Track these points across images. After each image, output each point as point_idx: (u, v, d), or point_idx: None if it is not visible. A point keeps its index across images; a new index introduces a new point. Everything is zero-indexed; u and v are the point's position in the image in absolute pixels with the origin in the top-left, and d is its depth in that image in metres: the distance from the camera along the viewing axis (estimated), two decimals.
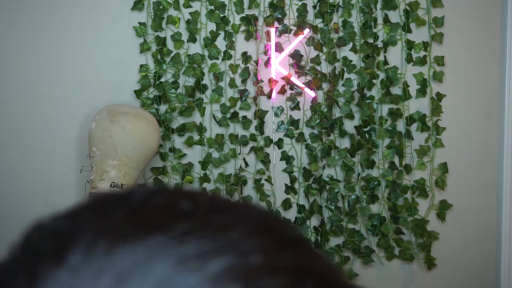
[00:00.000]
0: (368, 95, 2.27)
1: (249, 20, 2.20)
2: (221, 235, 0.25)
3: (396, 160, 2.30)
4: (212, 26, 2.20)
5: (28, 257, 0.26)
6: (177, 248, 0.24)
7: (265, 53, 2.23)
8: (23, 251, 0.26)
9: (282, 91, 2.25)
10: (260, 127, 2.24)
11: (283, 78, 2.23)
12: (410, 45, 2.27)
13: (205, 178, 2.23)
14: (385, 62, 2.27)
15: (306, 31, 2.22)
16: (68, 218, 0.27)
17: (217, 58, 2.21)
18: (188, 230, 0.25)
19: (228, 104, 2.22)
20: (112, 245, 0.24)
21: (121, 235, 0.25)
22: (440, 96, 2.30)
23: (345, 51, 2.26)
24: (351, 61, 2.26)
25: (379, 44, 2.26)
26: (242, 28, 2.21)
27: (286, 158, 2.27)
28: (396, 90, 2.29)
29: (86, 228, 0.26)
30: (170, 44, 2.19)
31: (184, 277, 0.23)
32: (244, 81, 2.23)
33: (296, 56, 2.23)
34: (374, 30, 2.25)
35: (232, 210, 0.28)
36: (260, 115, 2.24)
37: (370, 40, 2.25)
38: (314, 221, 2.31)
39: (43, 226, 0.27)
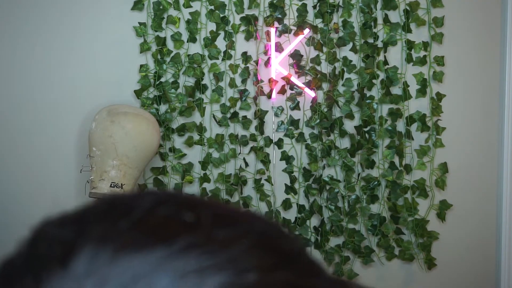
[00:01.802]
0: (368, 95, 2.27)
1: (249, 20, 2.20)
2: (221, 251, 0.26)
3: (396, 160, 2.30)
4: (212, 26, 2.20)
5: (35, 259, 0.26)
6: (178, 262, 0.25)
7: (265, 53, 2.23)
8: (30, 252, 0.27)
9: (282, 91, 2.25)
10: (260, 127, 2.24)
11: (283, 78, 2.23)
12: (410, 45, 2.27)
13: (205, 178, 2.23)
14: (385, 62, 2.27)
15: (306, 31, 2.22)
16: (74, 224, 0.28)
17: (217, 58, 2.21)
18: (190, 244, 0.26)
19: (228, 104, 2.22)
20: (116, 256, 0.25)
21: (125, 246, 0.25)
22: (440, 96, 2.30)
23: (345, 51, 2.26)
24: (351, 61, 2.26)
25: (379, 44, 2.26)
26: (242, 28, 2.21)
27: (286, 158, 2.27)
28: (396, 90, 2.29)
29: (92, 236, 0.26)
30: (170, 44, 2.19)
31: None
32: (244, 81, 2.23)
33: (296, 56, 2.23)
34: (374, 30, 2.25)
35: (235, 223, 0.28)
36: (260, 115, 2.24)
37: (370, 40, 2.25)
38: (314, 221, 2.31)
39: (49, 228, 0.28)
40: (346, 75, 2.26)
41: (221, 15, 2.19)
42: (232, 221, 0.29)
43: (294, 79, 2.24)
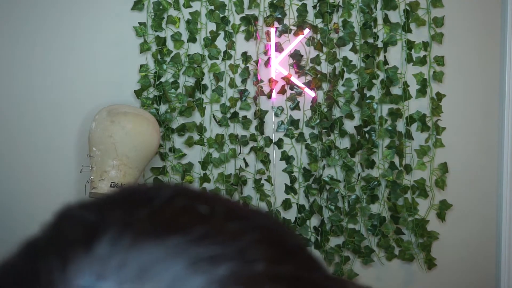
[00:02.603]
0: (368, 95, 2.27)
1: (249, 20, 2.20)
2: (232, 242, 0.28)
3: (396, 160, 2.30)
4: (212, 26, 2.20)
5: (60, 241, 0.28)
6: (191, 250, 0.27)
7: (265, 53, 2.23)
8: (55, 233, 0.29)
9: (282, 91, 2.25)
10: (260, 127, 2.24)
11: (283, 78, 2.23)
12: (410, 45, 2.27)
13: (205, 178, 2.23)
14: (385, 62, 2.27)
15: (306, 31, 2.22)
16: (97, 209, 0.30)
17: (217, 58, 2.21)
18: (203, 234, 0.28)
19: (228, 104, 2.22)
20: (136, 241, 0.27)
21: (144, 233, 0.27)
22: (440, 96, 2.30)
23: (345, 51, 2.26)
24: (351, 61, 2.26)
25: (379, 44, 2.26)
26: (242, 28, 2.21)
27: (286, 158, 2.27)
28: (396, 90, 2.29)
29: (113, 221, 0.28)
30: (170, 44, 2.19)
31: (194, 278, 0.26)
32: (244, 81, 2.23)
33: (296, 56, 2.23)
34: (374, 30, 2.25)
35: (244, 218, 0.31)
36: (260, 115, 2.24)
37: (370, 40, 2.25)
38: (314, 221, 2.31)
39: (74, 212, 0.30)
40: (346, 75, 2.26)
41: (221, 15, 2.19)
42: (241, 216, 0.31)
43: (294, 79, 2.24)
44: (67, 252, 0.27)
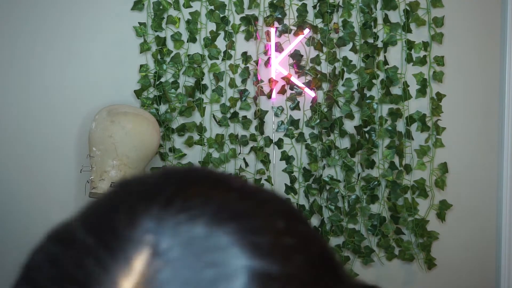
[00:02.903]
0: (368, 95, 2.27)
1: (249, 20, 2.20)
2: (259, 205, 0.37)
3: (396, 160, 2.30)
4: (212, 26, 2.20)
5: (126, 202, 0.37)
6: (228, 209, 0.35)
7: (265, 53, 2.23)
8: (121, 197, 0.38)
9: (282, 91, 2.25)
10: (260, 127, 2.24)
11: (283, 78, 2.23)
12: (410, 45, 2.27)
13: None
14: (385, 62, 2.27)
15: (306, 31, 2.22)
16: (155, 178, 0.39)
17: (217, 58, 2.21)
18: (237, 199, 0.36)
19: (228, 104, 2.22)
20: (186, 199, 0.35)
21: (191, 194, 0.36)
22: (440, 96, 2.30)
23: (345, 51, 2.26)
24: (351, 61, 2.26)
25: (379, 44, 2.26)
26: (242, 28, 2.21)
27: (286, 158, 2.27)
28: (396, 90, 2.29)
29: (168, 185, 0.37)
30: (170, 44, 2.19)
31: (230, 223, 0.34)
32: (244, 81, 2.23)
33: (296, 56, 2.23)
34: (374, 30, 2.25)
35: (264, 192, 0.39)
36: (260, 115, 2.24)
37: (370, 40, 2.25)
38: (314, 221, 2.31)
39: (133, 181, 0.39)
40: (346, 75, 2.26)
41: (221, 15, 2.19)
42: (262, 190, 0.39)
43: (294, 79, 2.24)
44: (135, 205, 0.35)
